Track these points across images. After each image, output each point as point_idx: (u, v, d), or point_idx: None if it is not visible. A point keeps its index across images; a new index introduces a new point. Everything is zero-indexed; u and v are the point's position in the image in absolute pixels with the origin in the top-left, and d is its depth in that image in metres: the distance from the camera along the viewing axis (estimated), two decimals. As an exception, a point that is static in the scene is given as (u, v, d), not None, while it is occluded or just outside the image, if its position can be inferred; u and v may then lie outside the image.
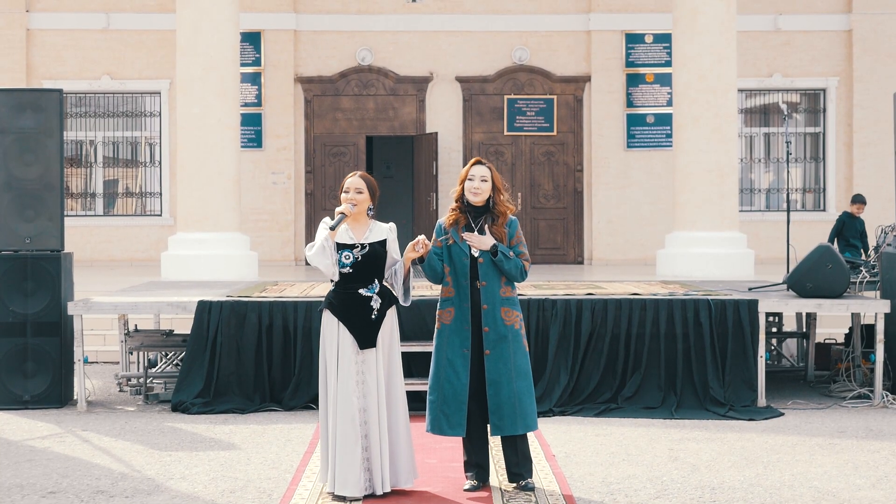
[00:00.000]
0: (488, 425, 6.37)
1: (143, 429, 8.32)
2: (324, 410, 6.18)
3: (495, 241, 6.26)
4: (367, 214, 6.27)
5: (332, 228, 6.09)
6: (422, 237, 6.22)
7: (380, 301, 6.21)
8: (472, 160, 6.41)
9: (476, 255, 6.28)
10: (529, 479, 6.32)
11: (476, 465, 6.38)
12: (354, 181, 6.23)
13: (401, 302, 6.32)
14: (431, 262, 6.33)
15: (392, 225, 6.40)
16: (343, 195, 6.22)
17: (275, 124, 18.29)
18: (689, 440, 7.86)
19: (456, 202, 6.39)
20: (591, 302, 9.24)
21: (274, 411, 9.03)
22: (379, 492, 6.09)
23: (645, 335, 9.17)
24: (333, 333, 6.16)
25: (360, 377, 6.12)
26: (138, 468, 6.97)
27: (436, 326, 6.39)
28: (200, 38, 13.74)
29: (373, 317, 6.17)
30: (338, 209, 6.15)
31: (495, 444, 6.75)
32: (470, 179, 6.33)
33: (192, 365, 9.18)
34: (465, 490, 6.30)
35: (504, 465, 6.46)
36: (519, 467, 6.33)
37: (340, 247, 6.16)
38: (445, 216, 6.43)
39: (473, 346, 6.28)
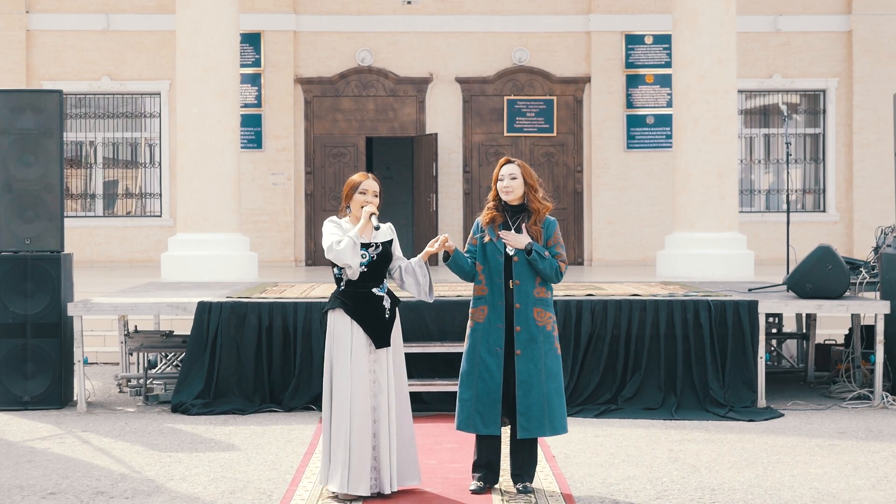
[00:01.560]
0: (506, 427, 6.33)
1: (143, 430, 8.32)
2: (328, 411, 6.16)
3: (531, 240, 6.25)
4: None
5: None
6: (444, 236, 6.20)
7: (390, 300, 6.23)
8: (502, 159, 6.38)
9: (511, 253, 6.26)
10: (529, 483, 6.30)
11: (486, 466, 6.35)
12: (371, 184, 6.24)
13: (427, 300, 6.32)
14: (458, 260, 6.30)
15: (390, 224, 6.42)
16: (359, 196, 6.20)
17: (275, 125, 18.29)
18: (689, 441, 7.86)
19: (492, 202, 6.39)
20: (591, 303, 9.24)
21: (274, 412, 9.03)
22: (387, 491, 6.09)
23: (645, 336, 9.17)
24: (346, 333, 6.13)
25: (373, 376, 6.12)
26: (138, 469, 6.97)
27: (468, 325, 6.36)
28: (200, 38, 13.75)
29: (386, 316, 6.19)
30: (366, 209, 6.14)
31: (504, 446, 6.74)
32: (500, 179, 6.32)
33: (191, 366, 9.18)
34: (472, 491, 6.26)
35: (507, 465, 6.44)
36: (523, 469, 6.31)
37: None
38: (482, 214, 6.41)
39: (505, 345, 6.26)
